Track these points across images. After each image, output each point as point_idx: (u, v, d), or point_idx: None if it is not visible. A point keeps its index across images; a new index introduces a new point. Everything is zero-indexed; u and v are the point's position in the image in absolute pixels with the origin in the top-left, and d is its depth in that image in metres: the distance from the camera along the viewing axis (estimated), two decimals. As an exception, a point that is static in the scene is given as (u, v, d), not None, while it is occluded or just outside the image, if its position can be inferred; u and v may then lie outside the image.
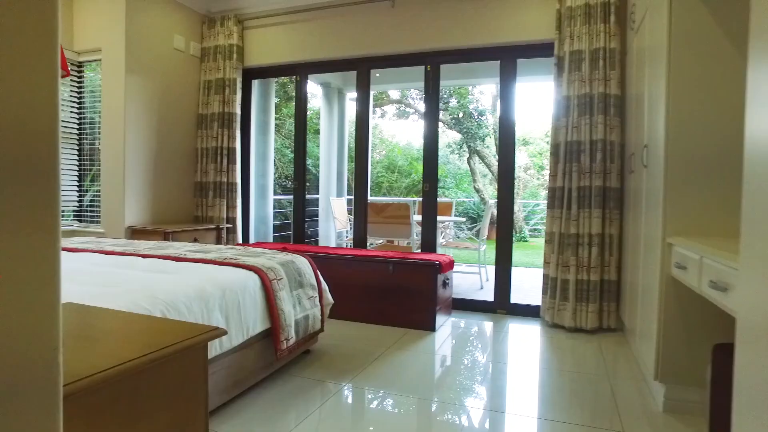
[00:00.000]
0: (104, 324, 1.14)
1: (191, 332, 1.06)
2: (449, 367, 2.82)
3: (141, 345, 0.97)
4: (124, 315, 1.21)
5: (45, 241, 0.55)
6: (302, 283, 2.74)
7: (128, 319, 1.18)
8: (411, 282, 3.56)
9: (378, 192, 13.48)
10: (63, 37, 4.15)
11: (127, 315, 1.21)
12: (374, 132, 14.06)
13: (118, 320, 1.16)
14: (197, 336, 1.04)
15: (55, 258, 0.56)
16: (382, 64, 4.40)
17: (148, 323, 1.15)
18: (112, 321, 1.16)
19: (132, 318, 1.18)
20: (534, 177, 14.07)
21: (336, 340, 3.22)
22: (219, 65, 4.66)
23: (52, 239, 0.56)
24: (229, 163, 4.70)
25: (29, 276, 0.54)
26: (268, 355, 2.44)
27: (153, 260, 2.55)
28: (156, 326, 1.12)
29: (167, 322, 1.15)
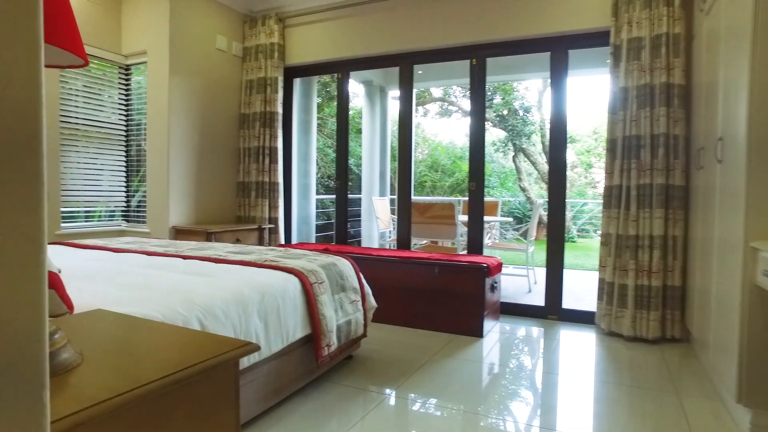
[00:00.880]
0: (128, 335, 1.05)
1: (221, 348, 0.96)
2: (498, 377, 2.66)
3: (165, 362, 0.88)
4: (150, 325, 1.12)
5: (30, 222, 0.46)
6: (344, 286, 2.63)
7: (155, 329, 1.09)
8: (457, 285, 3.40)
9: (421, 191, 13.32)
10: (112, 41, 4.23)
11: (155, 325, 1.12)
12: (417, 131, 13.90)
13: (144, 331, 1.08)
14: (227, 353, 0.94)
15: (38, 240, 0.47)
16: (425, 59, 4.25)
17: (176, 335, 1.06)
18: (137, 332, 1.07)
19: (159, 329, 1.09)
20: (581, 175, 13.57)
21: (379, 346, 3.10)
22: (260, 64, 4.64)
23: (35, 220, 0.46)
24: (271, 162, 4.67)
25: (9, 261, 0.44)
26: (308, 362, 2.35)
27: (193, 262, 2.50)
28: (183, 339, 1.03)
29: (196, 335, 1.05)
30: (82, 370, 0.85)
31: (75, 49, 0.88)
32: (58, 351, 0.85)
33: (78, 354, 0.90)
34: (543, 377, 2.67)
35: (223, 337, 1.03)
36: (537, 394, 2.46)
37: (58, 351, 0.85)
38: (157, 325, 1.14)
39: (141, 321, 1.17)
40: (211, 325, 1.72)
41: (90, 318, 1.19)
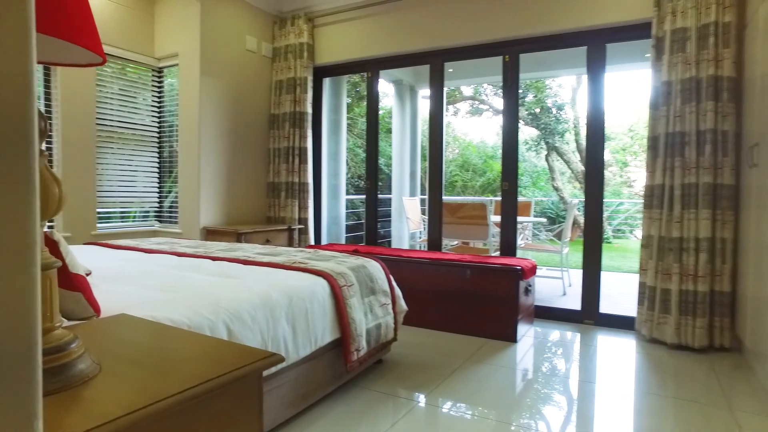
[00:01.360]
0: (149, 343, 1.01)
1: (243, 359, 0.91)
2: (532, 384, 2.55)
3: (184, 375, 0.83)
4: (172, 332, 1.08)
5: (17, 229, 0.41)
6: (374, 289, 2.57)
7: (176, 337, 1.05)
8: (490, 288, 3.30)
9: (452, 191, 13.17)
10: (145, 45, 4.28)
11: (176, 332, 1.08)
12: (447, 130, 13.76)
13: (165, 339, 1.04)
14: (249, 365, 0.88)
15: (30, 227, 0.42)
16: (456, 56, 4.16)
17: (198, 344, 1.01)
18: (158, 340, 1.03)
19: (181, 337, 1.05)
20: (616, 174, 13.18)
21: (409, 349, 3.03)
22: (290, 64, 4.63)
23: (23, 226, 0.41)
24: (300, 163, 4.66)
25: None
26: (337, 367, 2.29)
27: (221, 263, 2.48)
28: (205, 348, 0.98)
29: (218, 345, 1.01)
30: (99, 382, 0.81)
31: (93, 46, 0.84)
32: (74, 361, 0.81)
33: (96, 364, 0.86)
34: (579, 385, 2.55)
35: (246, 348, 0.98)
36: (573, 404, 2.34)
37: (74, 361, 0.81)
38: (178, 332, 1.10)
39: (163, 328, 1.13)
40: (238, 329, 1.68)
41: (113, 323, 1.16)
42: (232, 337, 1.65)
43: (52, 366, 0.78)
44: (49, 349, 0.78)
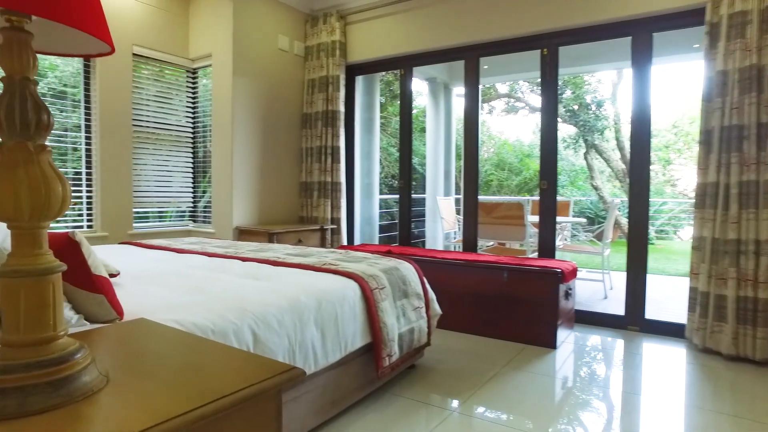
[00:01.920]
0: (163, 352, 0.95)
1: (261, 372, 0.83)
2: (572, 394, 2.40)
3: (196, 390, 0.76)
4: (189, 340, 1.02)
5: None
6: (407, 292, 2.48)
7: (193, 346, 0.98)
8: (528, 291, 3.15)
9: (487, 191, 12.94)
10: (180, 47, 4.31)
11: (194, 341, 1.01)
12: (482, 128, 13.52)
13: (181, 348, 0.97)
14: (266, 380, 0.80)
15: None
16: (491, 50, 4.01)
17: (215, 354, 0.94)
18: (174, 349, 0.97)
19: (198, 346, 0.98)
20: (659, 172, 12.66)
21: (443, 355, 2.92)
22: (322, 63, 4.58)
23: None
24: (333, 162, 4.60)
25: None
26: (368, 372, 2.21)
27: (251, 264, 2.43)
28: (222, 359, 0.91)
29: (236, 356, 0.93)
30: (103, 397, 0.74)
31: (101, 34, 0.78)
32: (77, 374, 0.75)
33: (102, 376, 0.80)
34: (624, 397, 2.39)
35: (265, 360, 0.90)
36: (616, 417, 2.19)
37: (77, 374, 0.75)
38: (195, 340, 1.03)
39: (180, 335, 1.07)
40: (264, 334, 1.62)
41: (130, 329, 1.10)
42: (257, 342, 1.59)
43: (54, 379, 0.71)
44: (50, 360, 0.72)
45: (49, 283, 0.74)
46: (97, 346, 0.97)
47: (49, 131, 0.75)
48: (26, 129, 0.72)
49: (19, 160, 0.71)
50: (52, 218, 0.75)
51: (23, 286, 0.72)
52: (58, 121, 3.68)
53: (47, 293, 0.74)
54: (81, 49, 0.85)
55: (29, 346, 0.73)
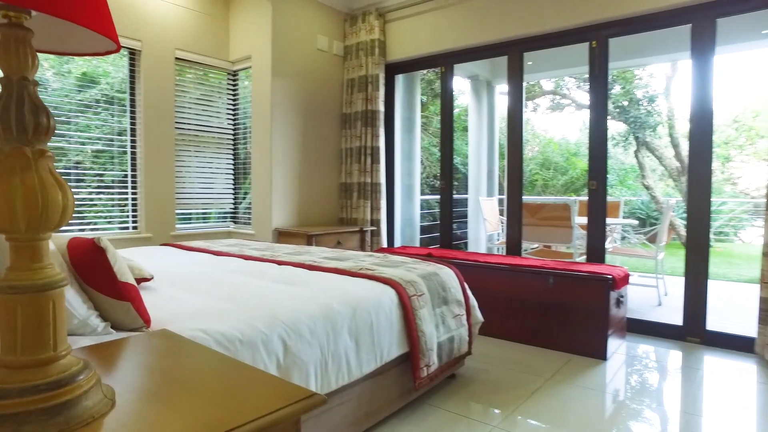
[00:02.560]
0: (178, 371, 0.88)
1: (277, 398, 0.75)
2: (624, 411, 2.22)
3: (199, 419, 0.68)
4: (207, 356, 0.95)
5: None
6: (447, 299, 2.37)
7: (210, 365, 0.91)
8: (576, 298, 2.97)
9: (531, 191, 12.59)
10: (221, 49, 4.34)
11: (211, 357, 0.95)
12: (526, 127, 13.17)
13: (198, 365, 0.90)
14: (283, 409, 0.72)
15: None
16: (536, 45, 3.83)
17: (232, 374, 0.87)
18: (190, 366, 0.90)
19: (215, 365, 0.91)
20: (717, 170, 11.95)
21: (485, 364, 2.79)
22: (361, 62, 4.51)
23: None
24: (373, 162, 4.53)
25: None
26: (405, 383, 2.11)
27: (286, 268, 2.38)
28: (239, 380, 0.83)
29: (254, 377, 0.86)
30: (105, 424, 0.68)
31: (105, 30, 0.72)
32: (78, 398, 0.68)
33: (107, 399, 0.73)
34: (683, 418, 2.19)
35: (284, 384, 0.82)
36: (682, 440, 2.00)
37: (78, 398, 0.68)
38: (214, 357, 0.96)
39: (199, 350, 1.00)
40: (294, 344, 1.55)
41: (150, 342, 1.05)
42: (288, 352, 1.52)
43: (50, 405, 0.66)
44: (47, 384, 0.66)
45: (48, 300, 0.69)
46: (109, 362, 0.92)
47: (49, 135, 0.70)
48: (23, 133, 0.67)
49: (15, 167, 0.66)
50: (52, 229, 0.69)
51: (20, 303, 0.67)
52: (109, 125, 3.76)
53: (46, 311, 0.68)
54: (86, 47, 0.80)
55: (26, 368, 0.67)
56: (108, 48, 0.78)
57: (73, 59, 3.60)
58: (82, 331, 1.26)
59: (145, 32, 3.82)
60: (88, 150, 3.70)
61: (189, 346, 1.03)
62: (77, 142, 3.61)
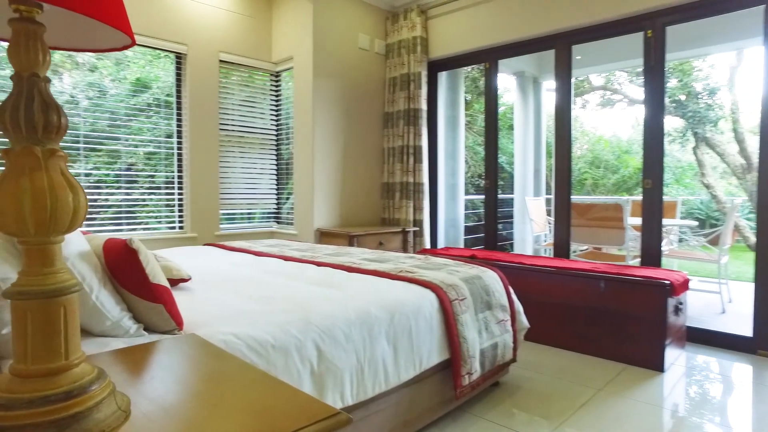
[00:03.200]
0: (198, 378, 0.84)
1: (298, 416, 0.69)
2: (685, 429, 2.05)
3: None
4: (231, 365, 0.90)
5: None
6: (490, 303, 2.26)
7: (232, 375, 0.86)
8: (630, 304, 2.80)
9: (580, 190, 12.15)
10: (264, 51, 4.38)
11: (236, 366, 0.90)
12: (575, 124, 12.73)
13: (218, 375, 0.86)
14: (302, 429, 0.66)
15: None
16: (585, 37, 3.64)
17: (254, 386, 0.82)
18: (211, 374, 0.86)
19: (238, 375, 0.87)
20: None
21: (531, 372, 2.66)
22: (403, 60, 4.44)
23: None
24: (415, 162, 4.46)
25: None
26: (445, 391, 2.03)
27: (324, 270, 2.35)
28: (261, 393, 0.78)
29: (277, 391, 0.80)
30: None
31: (119, 24, 0.68)
32: (88, 410, 0.65)
33: (121, 411, 0.69)
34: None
35: (307, 399, 0.76)
36: (752, 462, 1.83)
37: (88, 410, 0.65)
38: (238, 366, 0.92)
39: (225, 357, 0.96)
40: (329, 350, 1.50)
41: (176, 348, 1.02)
42: (322, 358, 1.47)
43: (59, 417, 0.62)
44: (56, 395, 0.63)
45: (59, 306, 0.65)
46: (131, 369, 0.89)
47: (61, 134, 0.67)
48: (33, 132, 0.64)
49: (24, 168, 0.63)
50: (63, 232, 0.66)
51: (30, 310, 0.64)
52: (160, 128, 3.86)
53: (57, 318, 0.65)
54: (100, 42, 0.77)
55: (36, 377, 0.64)
56: (124, 43, 0.75)
57: (128, 65, 3.72)
58: (115, 333, 1.25)
59: (191, 36, 3.89)
60: (141, 152, 3.81)
61: (215, 353, 0.99)
62: (131, 144, 3.73)
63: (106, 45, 0.77)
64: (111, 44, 0.76)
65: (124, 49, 0.76)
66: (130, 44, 0.74)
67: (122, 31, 0.69)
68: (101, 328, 1.24)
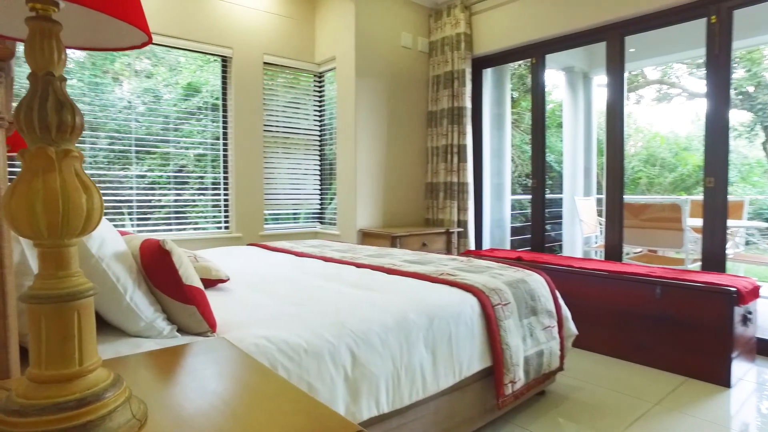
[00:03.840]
0: (218, 385, 0.81)
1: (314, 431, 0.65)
2: (760, 452, 1.88)
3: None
4: (254, 373, 0.87)
5: None
6: (536, 309, 2.16)
7: (254, 387, 0.83)
8: (690, 312, 2.61)
9: (634, 190, 11.63)
10: (308, 52, 4.40)
11: (258, 374, 0.87)
12: (627, 120, 12.19)
13: (238, 384, 0.82)
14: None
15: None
16: (640, 27, 3.44)
17: (278, 398, 0.78)
18: (232, 383, 0.82)
19: (261, 387, 0.83)
20: None
21: (580, 381, 2.53)
22: (447, 57, 4.36)
23: None
24: (459, 161, 4.36)
25: None
26: (486, 400, 1.94)
27: (364, 272, 2.31)
28: (280, 405, 0.74)
29: (298, 403, 0.76)
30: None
31: (136, 21, 0.66)
32: (101, 419, 0.63)
33: (136, 420, 0.67)
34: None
35: (331, 416, 0.71)
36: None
37: (101, 419, 0.63)
38: (261, 374, 0.88)
39: (249, 364, 0.93)
40: (364, 355, 1.45)
41: (202, 352, 1.00)
42: (356, 364, 1.43)
43: (70, 426, 0.60)
44: (67, 403, 0.61)
45: (73, 311, 0.64)
46: (154, 375, 0.87)
47: (76, 134, 0.65)
48: (47, 132, 0.62)
49: (38, 169, 0.61)
50: (77, 235, 0.64)
51: (44, 314, 0.62)
52: (209, 131, 3.96)
53: (71, 322, 0.63)
54: (116, 41, 0.75)
55: (49, 383, 0.62)
56: (141, 40, 0.73)
57: (180, 71, 3.83)
58: (149, 334, 1.25)
59: (236, 40, 3.96)
60: (191, 154, 3.91)
61: (243, 360, 0.96)
62: (182, 147, 3.84)
63: (123, 43, 0.75)
64: (128, 42, 0.74)
65: (141, 47, 0.74)
66: (146, 42, 0.72)
67: (139, 27, 0.67)
68: (135, 329, 1.24)
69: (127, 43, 0.75)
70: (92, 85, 3.42)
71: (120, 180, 3.56)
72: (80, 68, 3.41)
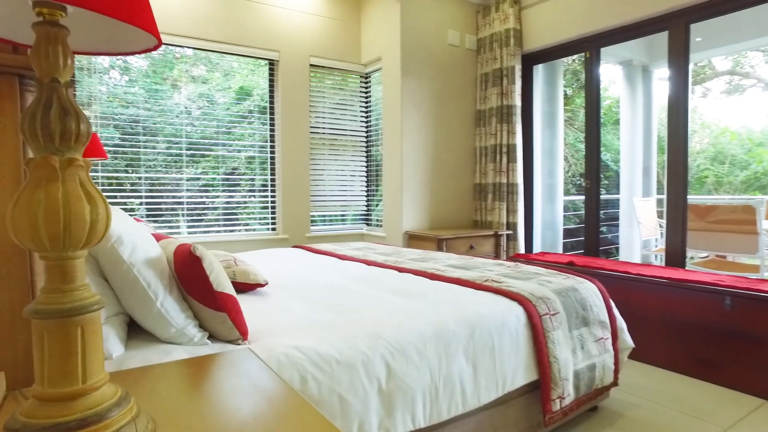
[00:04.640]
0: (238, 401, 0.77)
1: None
2: None
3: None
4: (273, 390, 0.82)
5: None
6: (587, 319, 2.03)
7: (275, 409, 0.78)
8: (765, 327, 2.38)
9: (699, 189, 10.95)
10: (354, 53, 4.39)
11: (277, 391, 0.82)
12: (692, 115, 11.51)
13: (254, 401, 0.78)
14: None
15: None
16: (707, 13, 3.19)
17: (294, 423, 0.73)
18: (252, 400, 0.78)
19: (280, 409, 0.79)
20: None
21: (637, 397, 2.36)
22: (495, 54, 4.22)
23: None
24: (509, 161, 4.22)
25: None
26: (532, 416, 1.84)
27: (406, 277, 2.25)
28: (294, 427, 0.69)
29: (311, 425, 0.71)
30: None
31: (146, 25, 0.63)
32: (103, 442, 0.60)
33: (142, 442, 0.64)
34: None
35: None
36: None
37: (103, 442, 0.60)
38: (287, 395, 0.84)
39: (273, 381, 0.89)
40: (400, 366, 1.39)
41: (223, 366, 0.97)
42: (391, 376, 1.37)
43: (69, 449, 0.57)
44: (68, 424, 0.58)
45: (75, 327, 0.61)
46: (170, 388, 0.84)
47: (81, 142, 0.62)
48: (50, 140, 0.60)
49: (41, 179, 0.59)
50: (80, 247, 0.61)
51: (46, 329, 0.60)
52: (259, 133, 4.03)
53: (73, 338, 0.61)
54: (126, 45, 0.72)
55: (51, 401, 0.60)
56: (150, 44, 0.70)
57: (233, 76, 3.92)
58: (179, 341, 1.24)
59: (282, 43, 3.99)
60: (242, 156, 4.00)
61: (264, 375, 0.92)
62: (234, 150, 3.92)
63: (133, 47, 0.72)
64: (137, 47, 0.72)
65: (151, 51, 0.71)
66: (156, 45, 0.69)
67: (147, 31, 0.63)
68: (167, 335, 1.23)
69: (136, 47, 0.72)
70: (152, 91, 3.55)
71: (177, 182, 3.68)
72: (143, 76, 3.55)
